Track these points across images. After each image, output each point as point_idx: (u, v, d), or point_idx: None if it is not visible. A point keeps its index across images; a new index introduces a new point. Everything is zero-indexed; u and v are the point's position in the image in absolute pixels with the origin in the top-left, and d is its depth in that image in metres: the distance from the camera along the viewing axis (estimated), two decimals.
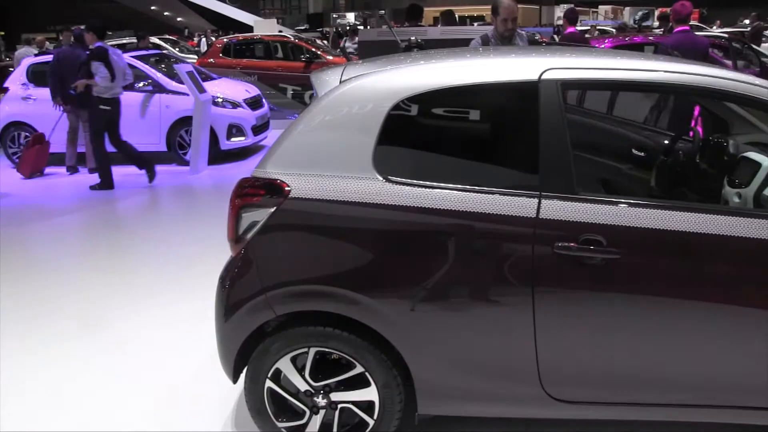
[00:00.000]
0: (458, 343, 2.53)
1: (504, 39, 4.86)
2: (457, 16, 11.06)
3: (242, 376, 2.76)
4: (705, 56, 6.53)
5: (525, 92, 2.49)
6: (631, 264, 2.41)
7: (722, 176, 3.35)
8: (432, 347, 2.54)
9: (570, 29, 8.94)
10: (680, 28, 6.69)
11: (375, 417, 2.66)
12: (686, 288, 2.45)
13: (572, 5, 16.91)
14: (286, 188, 2.50)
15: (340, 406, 2.68)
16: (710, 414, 2.63)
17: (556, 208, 2.39)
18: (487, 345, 2.53)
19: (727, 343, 2.50)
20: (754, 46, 9.97)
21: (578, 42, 7.88)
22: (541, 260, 2.40)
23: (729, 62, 8.79)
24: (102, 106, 7.48)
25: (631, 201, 2.51)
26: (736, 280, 2.46)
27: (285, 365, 2.64)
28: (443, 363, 2.55)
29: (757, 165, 3.13)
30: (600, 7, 42.73)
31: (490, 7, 5.03)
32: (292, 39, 14.92)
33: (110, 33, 25.78)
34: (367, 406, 2.66)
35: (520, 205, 2.40)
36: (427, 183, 2.44)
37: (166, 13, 39.51)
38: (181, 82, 8.46)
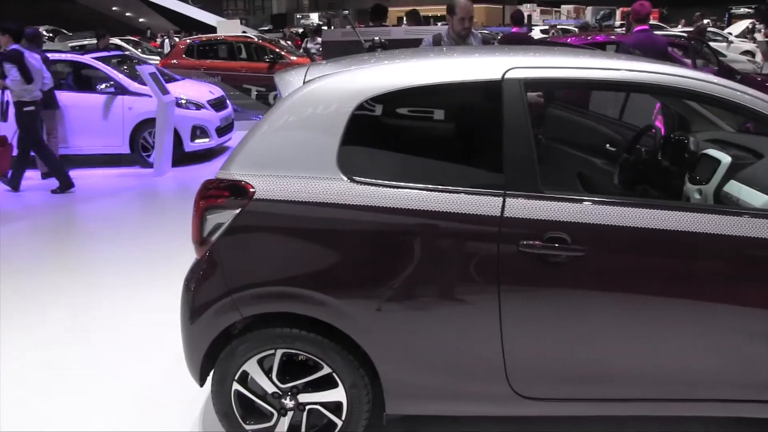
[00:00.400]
0: (425, 342, 2.54)
1: (460, 38, 4.87)
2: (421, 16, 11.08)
3: (209, 378, 2.73)
4: (664, 55, 6.67)
5: (488, 91, 2.50)
6: (596, 261, 2.44)
7: (683, 173, 3.41)
8: (399, 347, 2.54)
9: (515, 29, 9.19)
10: (640, 28, 6.84)
11: (343, 418, 2.65)
12: (650, 284, 2.49)
13: (518, 7, 17.21)
14: (251, 189, 2.48)
15: (307, 407, 2.66)
16: (676, 408, 2.69)
17: (520, 207, 2.41)
18: (453, 344, 2.54)
19: (691, 336, 2.55)
20: (712, 45, 10.18)
21: (521, 41, 8.07)
22: (507, 259, 2.41)
23: (689, 61, 8.98)
24: (26, 109, 7.34)
25: (595, 199, 2.54)
26: (699, 275, 2.51)
27: (252, 367, 2.63)
28: (410, 362, 2.56)
29: (717, 162, 3.19)
30: (562, 6, 43.28)
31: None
32: (256, 40, 14.83)
33: (71, 34, 25.36)
34: (335, 407, 2.66)
35: (484, 204, 2.41)
36: (392, 183, 2.45)
37: (128, 14, 38.96)
38: (144, 84, 8.34)
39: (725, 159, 3.17)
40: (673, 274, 2.50)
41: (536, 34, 23.95)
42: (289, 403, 2.66)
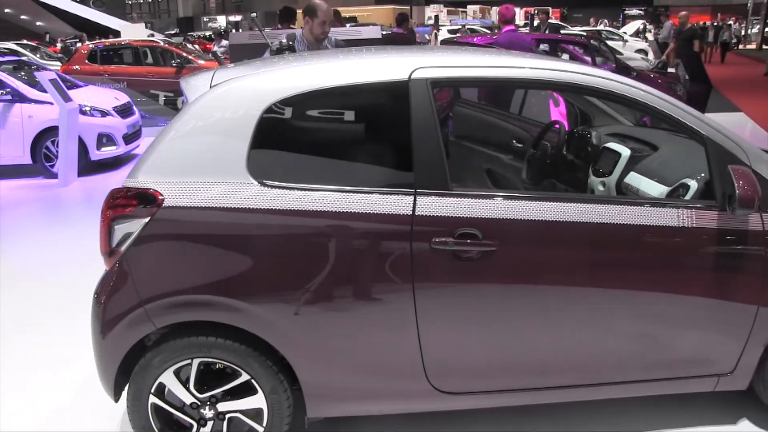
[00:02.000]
0: (343, 344, 2.55)
1: (316, 42, 4.87)
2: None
3: (124, 393, 2.65)
4: (530, 51, 7.06)
5: (396, 92, 2.53)
6: (507, 255, 2.50)
7: (587, 166, 3.56)
8: (317, 349, 2.54)
9: (396, 29, 9.87)
10: (507, 28, 7.38)
11: (264, 424, 2.63)
12: (560, 274, 2.58)
13: (404, 11, 17.76)
14: (160, 197, 2.42)
15: (227, 416, 2.63)
16: (592, 392, 2.80)
17: (431, 205, 2.45)
18: (371, 344, 2.56)
19: (601, 323, 2.66)
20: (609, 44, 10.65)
21: (400, 41, 8.65)
22: (420, 256, 2.45)
23: (588, 58, 9.35)
24: None
25: (503, 194, 2.61)
26: (605, 264, 2.62)
27: (168, 379, 2.56)
28: (329, 364, 2.56)
29: (618, 155, 3.34)
30: (468, 7, 44.25)
31: (363, 7, 5.06)
32: (162, 44, 14.43)
33: None
34: (255, 414, 2.63)
35: (396, 203, 2.44)
36: (303, 185, 2.44)
37: (22, 17, 37.08)
38: (44, 91, 7.98)
39: (625, 152, 3.33)
40: (582, 264, 2.60)
41: (443, 34, 24.43)
42: (208, 412, 2.61)
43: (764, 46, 28.41)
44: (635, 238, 2.60)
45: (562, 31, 18.04)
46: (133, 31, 18.61)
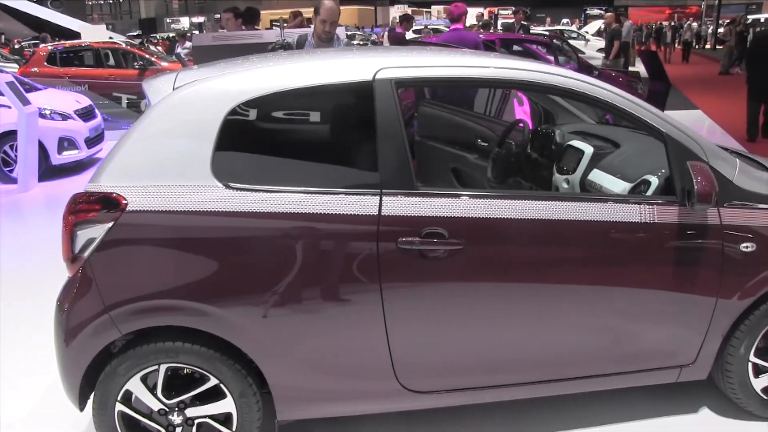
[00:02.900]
0: (312, 346, 2.54)
1: (321, 42, 4.86)
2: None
3: (89, 402, 2.60)
4: (476, 49, 7.15)
5: (361, 92, 2.53)
6: (473, 253, 2.52)
7: (551, 164, 3.60)
8: (286, 352, 2.53)
9: (399, 29, 9.88)
10: (455, 27, 7.43)
11: (234, 428, 2.60)
12: (526, 271, 2.61)
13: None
14: (123, 201, 2.38)
15: (196, 421, 2.60)
16: (559, 387, 2.84)
17: (397, 204, 2.45)
18: (340, 345, 2.56)
19: (567, 318, 2.70)
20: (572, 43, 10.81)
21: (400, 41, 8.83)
22: (387, 256, 2.46)
23: (552, 58, 9.47)
24: None
25: (469, 193, 2.63)
26: (570, 261, 2.66)
27: (135, 385, 2.53)
28: (298, 367, 2.55)
29: (581, 152, 3.39)
30: (432, 7, 44.45)
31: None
32: (124, 45, 14.23)
33: None
34: (225, 418, 2.61)
35: (362, 204, 2.44)
36: (269, 187, 2.43)
37: None
38: (1, 94, 7.80)
39: (588, 149, 3.38)
40: (547, 261, 2.64)
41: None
42: (176, 419, 2.58)
43: (718, 47, 29.07)
44: (599, 234, 2.65)
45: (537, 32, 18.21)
46: (93, 33, 18.29)
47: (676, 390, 3.17)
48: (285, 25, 8.18)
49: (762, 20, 31.28)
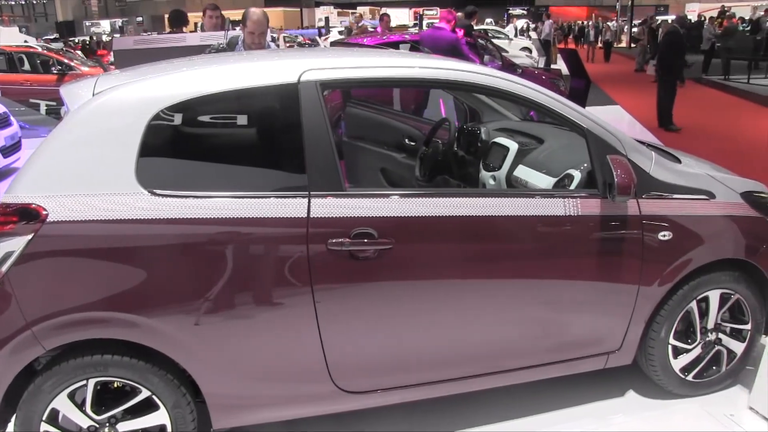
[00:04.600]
0: (245, 352, 2.51)
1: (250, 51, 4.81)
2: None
3: (11, 425, 2.49)
4: (452, 48, 7.22)
5: (286, 95, 2.52)
6: (403, 252, 2.54)
7: (478, 161, 3.67)
8: (219, 359, 2.49)
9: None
10: (438, 26, 7.67)
11: None
12: (457, 268, 2.66)
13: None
14: (43, 212, 2.29)
15: None
16: (493, 380, 2.89)
17: (326, 206, 2.45)
18: (274, 349, 2.54)
19: (499, 312, 2.76)
20: (495, 42, 11.04)
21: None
22: (317, 258, 2.45)
23: (476, 57, 9.62)
24: None
25: (397, 192, 2.66)
26: (499, 256, 2.72)
27: (62, 403, 2.43)
28: (232, 374, 2.52)
29: (506, 149, 3.46)
30: (358, 8, 44.52)
31: (253, 9, 4.94)
32: (40, 50, 13.70)
33: None
34: (159, 431, 2.54)
35: (290, 207, 2.43)
36: (196, 193, 2.39)
37: None
38: None
39: (513, 146, 3.46)
40: (477, 257, 2.69)
41: (334, 35, 24.47)
42: None
43: (632, 45, 30.17)
44: (526, 228, 2.71)
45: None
46: (5, 36, 17.51)
47: (605, 376, 3.28)
48: (230, 26, 7.95)
49: (669, 21, 32.86)
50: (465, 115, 4.61)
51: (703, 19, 28.56)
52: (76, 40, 31.52)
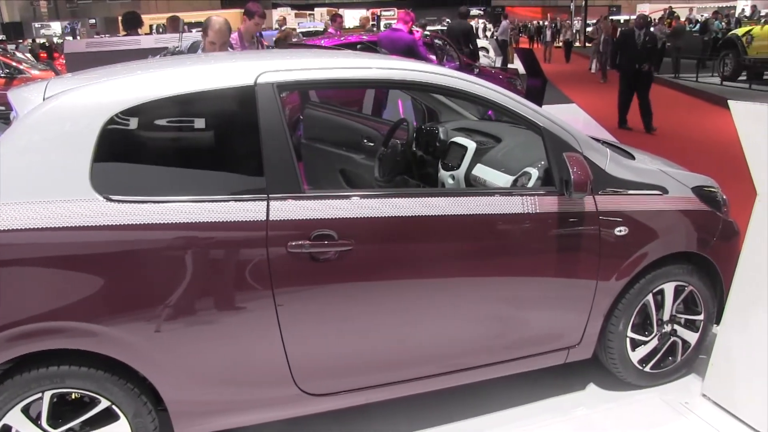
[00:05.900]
0: (207, 357, 2.48)
1: None
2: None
3: None
4: (409, 49, 7.25)
5: (242, 97, 2.49)
6: (364, 253, 2.54)
7: (437, 161, 3.68)
8: (180, 366, 2.45)
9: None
10: (395, 27, 7.73)
11: None
12: (416, 268, 2.66)
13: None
14: None
15: None
16: (456, 378, 2.91)
17: (285, 209, 2.44)
18: (236, 354, 2.51)
19: (459, 311, 2.78)
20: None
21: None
22: (277, 261, 2.43)
23: (434, 57, 9.67)
24: None
25: (357, 193, 2.65)
26: (459, 255, 2.73)
27: (15, 418, 2.34)
28: (194, 380, 2.48)
29: (464, 148, 3.48)
30: (316, 9, 44.42)
31: (209, 12, 4.89)
32: None
33: None
34: None
35: (249, 210, 2.40)
36: (152, 198, 2.34)
37: None
38: None
39: (471, 145, 3.48)
40: (437, 257, 2.69)
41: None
42: None
43: (587, 44, 30.66)
44: (485, 226, 2.74)
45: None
46: None
47: (567, 371, 3.33)
48: (185, 28, 7.81)
49: (622, 21, 33.62)
50: (423, 115, 4.63)
51: (650, 20, 29.22)
52: (32, 42, 30.67)
